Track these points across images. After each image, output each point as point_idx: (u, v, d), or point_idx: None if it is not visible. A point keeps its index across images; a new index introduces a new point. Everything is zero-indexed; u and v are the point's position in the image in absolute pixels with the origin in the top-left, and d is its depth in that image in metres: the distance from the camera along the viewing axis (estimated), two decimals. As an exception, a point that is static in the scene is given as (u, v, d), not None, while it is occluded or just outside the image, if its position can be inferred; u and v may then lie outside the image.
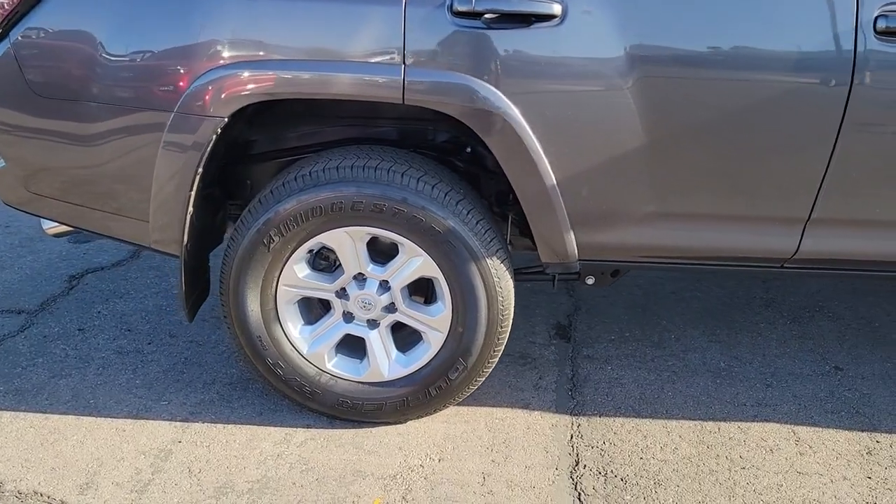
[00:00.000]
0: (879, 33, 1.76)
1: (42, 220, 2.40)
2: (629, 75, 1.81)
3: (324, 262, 2.20)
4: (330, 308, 2.20)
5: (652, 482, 2.05)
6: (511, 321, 2.14)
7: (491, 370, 2.20)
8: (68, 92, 1.95)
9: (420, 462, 2.13)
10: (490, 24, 1.79)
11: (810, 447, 2.19)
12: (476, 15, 1.79)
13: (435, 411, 2.26)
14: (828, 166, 1.89)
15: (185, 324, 2.84)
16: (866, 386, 2.47)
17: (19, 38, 1.93)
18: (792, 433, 2.24)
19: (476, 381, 2.19)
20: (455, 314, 2.10)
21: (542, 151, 1.88)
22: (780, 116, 1.85)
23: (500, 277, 2.05)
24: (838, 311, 2.93)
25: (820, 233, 1.98)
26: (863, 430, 2.26)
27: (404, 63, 1.81)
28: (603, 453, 2.16)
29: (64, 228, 2.38)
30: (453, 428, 2.27)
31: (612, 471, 2.10)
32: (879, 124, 1.84)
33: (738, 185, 1.94)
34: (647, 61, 1.81)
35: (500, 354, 2.17)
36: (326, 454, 2.14)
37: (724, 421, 2.30)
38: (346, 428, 2.26)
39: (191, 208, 2.02)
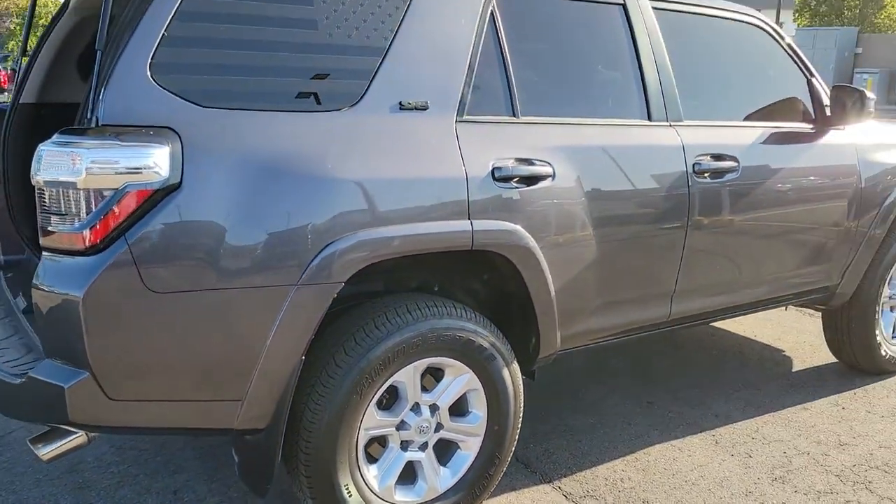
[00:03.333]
0: (697, 174, 2.94)
1: (39, 447, 2.13)
2: (590, 212, 2.65)
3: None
4: (383, 443, 2.45)
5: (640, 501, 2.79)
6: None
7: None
8: (187, 283, 1.96)
9: (496, 549, 2.49)
10: (516, 185, 2.46)
11: (696, 447, 3.17)
12: (509, 179, 2.44)
13: (477, 507, 2.64)
14: (681, 258, 2.97)
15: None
16: (677, 406, 3.58)
17: (140, 237, 1.89)
18: (678, 448, 3.21)
19: (503, 468, 2.66)
20: (491, 416, 2.58)
21: (548, 272, 2.57)
22: (660, 232, 2.87)
23: (517, 374, 2.62)
24: (615, 366, 4.06)
25: (681, 300, 3.05)
26: (709, 429, 3.34)
27: (470, 219, 2.35)
28: (597, 497, 2.82)
29: (62, 450, 2.15)
30: (486, 520, 2.66)
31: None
32: (704, 229, 3.00)
33: (642, 277, 2.90)
34: (593, 196, 2.67)
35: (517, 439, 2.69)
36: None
37: (641, 450, 3.15)
38: (408, 552, 2.48)
39: (298, 373, 2.15)
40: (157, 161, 1.91)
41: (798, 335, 4.59)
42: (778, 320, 4.82)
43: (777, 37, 3.42)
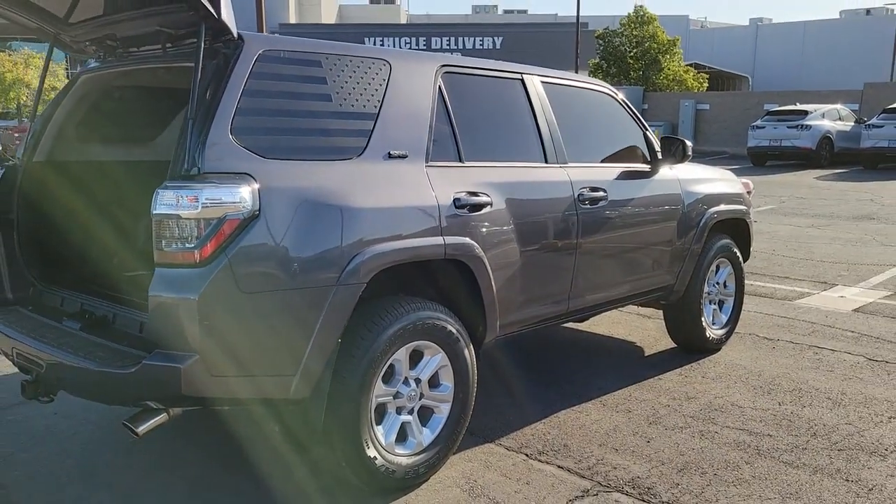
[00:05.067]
0: (580, 202, 4.01)
1: (135, 424, 2.72)
2: (515, 230, 3.61)
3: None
4: (380, 411, 3.22)
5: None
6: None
7: (470, 415, 3.54)
8: (266, 285, 2.68)
9: (470, 479, 3.32)
10: (469, 211, 3.38)
11: (590, 409, 4.17)
12: (464, 206, 3.35)
13: (449, 457, 3.44)
14: (574, 265, 4.00)
15: None
16: (569, 385, 4.59)
17: (235, 252, 2.59)
18: (577, 411, 4.19)
19: (465, 426, 3.49)
20: (457, 386, 3.42)
21: (492, 276, 3.49)
22: (560, 245, 3.89)
23: (473, 354, 3.49)
24: (515, 363, 5.00)
25: (576, 296, 4.08)
26: (596, 398, 4.36)
27: (443, 236, 3.23)
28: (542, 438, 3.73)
29: (152, 426, 2.76)
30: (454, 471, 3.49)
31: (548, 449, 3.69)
32: (588, 243, 4.06)
33: (549, 280, 3.89)
34: (517, 219, 3.63)
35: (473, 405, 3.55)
36: None
37: (552, 415, 4.10)
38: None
39: (336, 351, 2.90)
40: (244, 197, 2.64)
41: (643, 332, 5.81)
42: (625, 322, 6.04)
43: (620, 101, 4.63)
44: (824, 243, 9.60)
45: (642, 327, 5.93)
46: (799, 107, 22.43)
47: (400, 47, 35.40)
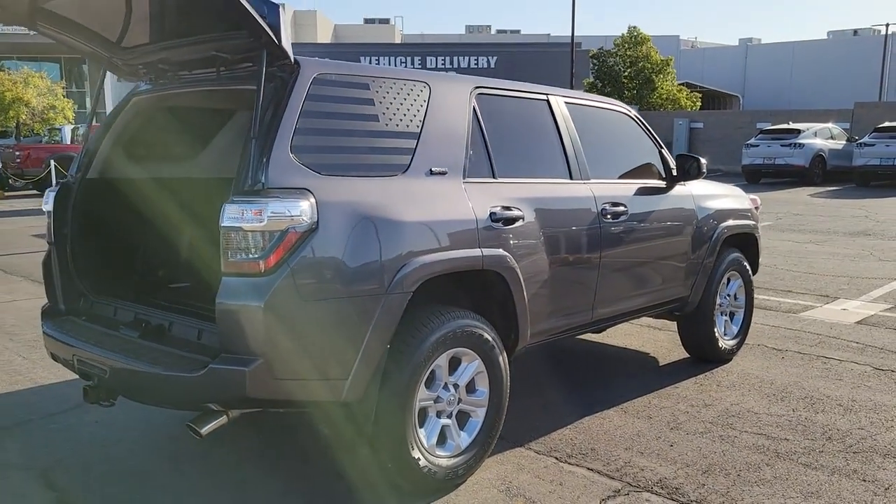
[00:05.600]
0: (603, 215, 4.20)
1: (199, 426, 2.88)
2: (542, 243, 3.80)
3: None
4: (421, 416, 3.38)
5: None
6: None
7: (503, 419, 3.71)
8: (323, 294, 2.84)
9: (506, 480, 3.48)
10: (503, 225, 3.56)
11: (612, 416, 4.34)
12: (499, 220, 3.53)
13: (485, 459, 3.60)
14: (598, 276, 4.19)
15: None
16: (591, 393, 4.75)
17: (296, 263, 2.77)
18: (601, 417, 4.36)
19: (499, 430, 3.66)
20: (492, 391, 3.59)
21: (524, 285, 3.67)
22: (585, 257, 4.08)
23: (506, 361, 3.66)
24: (538, 373, 5.17)
25: (599, 306, 4.26)
26: (617, 405, 4.53)
27: (480, 248, 3.41)
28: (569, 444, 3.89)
29: (214, 427, 2.92)
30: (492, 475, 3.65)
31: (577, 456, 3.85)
32: (611, 256, 4.24)
33: (575, 290, 4.07)
34: (546, 232, 3.82)
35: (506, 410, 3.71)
36: None
37: (577, 422, 4.27)
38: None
39: (385, 357, 3.07)
40: (305, 210, 2.82)
41: (655, 343, 5.99)
42: (637, 334, 6.22)
43: (638, 121, 4.84)
44: (823, 258, 9.82)
45: (654, 339, 6.11)
46: (792, 125, 22.85)
47: (396, 66, 35.77)
